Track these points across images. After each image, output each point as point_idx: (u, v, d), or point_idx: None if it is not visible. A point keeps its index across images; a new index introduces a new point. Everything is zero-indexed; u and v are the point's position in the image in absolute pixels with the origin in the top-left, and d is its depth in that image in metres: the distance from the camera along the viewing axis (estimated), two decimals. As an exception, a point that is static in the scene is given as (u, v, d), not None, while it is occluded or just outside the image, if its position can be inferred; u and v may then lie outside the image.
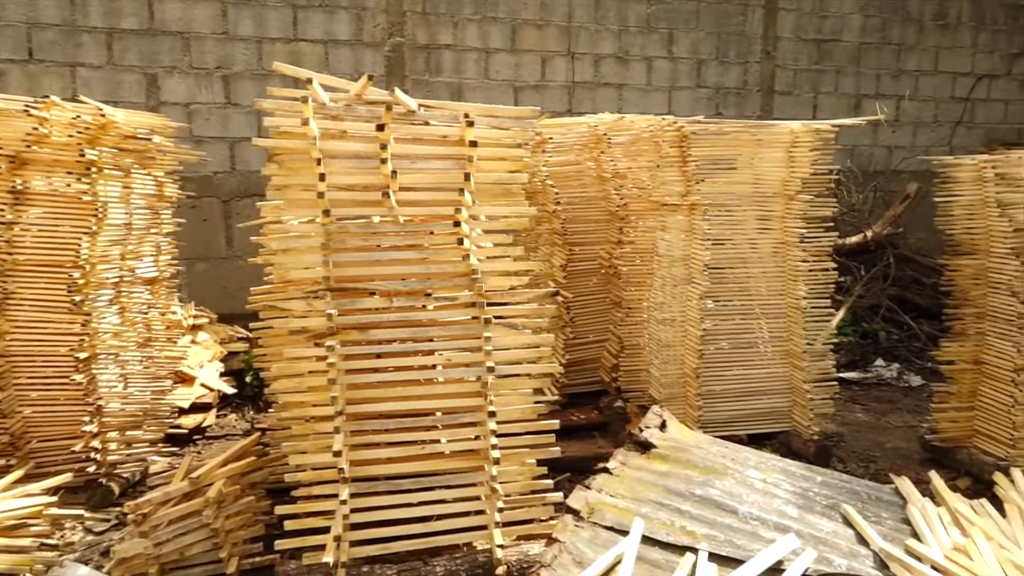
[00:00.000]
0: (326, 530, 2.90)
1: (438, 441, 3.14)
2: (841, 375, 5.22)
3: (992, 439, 4.11)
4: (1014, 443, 3.90)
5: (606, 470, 2.98)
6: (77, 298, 3.75)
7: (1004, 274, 4.04)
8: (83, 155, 3.71)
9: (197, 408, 4.92)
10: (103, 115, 3.78)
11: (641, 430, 3.26)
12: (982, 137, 8.77)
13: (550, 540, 2.61)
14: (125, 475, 3.99)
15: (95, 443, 3.84)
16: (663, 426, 3.34)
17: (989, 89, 8.87)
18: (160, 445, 4.34)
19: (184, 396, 4.87)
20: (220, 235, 6.49)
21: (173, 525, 3.00)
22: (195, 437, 4.80)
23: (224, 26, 6.30)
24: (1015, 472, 3.31)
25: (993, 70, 8.83)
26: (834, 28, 8.20)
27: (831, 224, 4.42)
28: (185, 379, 5.00)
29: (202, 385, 5.08)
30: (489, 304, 3.12)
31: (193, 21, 6.21)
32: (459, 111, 3.10)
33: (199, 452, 4.58)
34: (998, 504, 3.09)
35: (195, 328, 5.55)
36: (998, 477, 3.31)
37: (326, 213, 2.96)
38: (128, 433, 4.10)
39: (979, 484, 3.94)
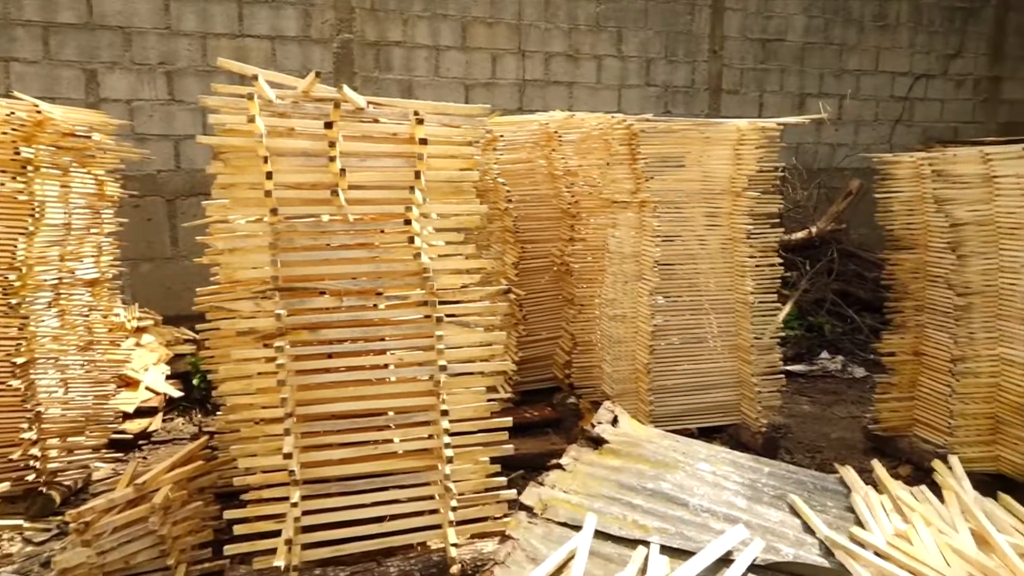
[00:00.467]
0: (277, 534, 2.86)
1: (391, 441, 3.12)
2: (788, 368, 5.33)
3: (931, 427, 4.24)
4: (952, 431, 4.03)
5: (559, 466, 3.00)
6: (13, 301, 3.63)
7: (941, 268, 4.17)
8: (18, 153, 3.59)
9: (142, 412, 4.80)
10: (39, 112, 3.66)
11: (593, 426, 3.29)
12: (920, 135, 9.05)
13: (504, 537, 2.61)
14: (67, 483, 3.87)
15: (34, 451, 3.72)
16: (615, 421, 3.37)
17: (926, 88, 9.15)
18: (103, 451, 4.22)
19: (128, 400, 4.74)
20: (165, 235, 6.35)
21: (118, 533, 2.92)
22: (140, 442, 4.68)
23: (167, 21, 6.16)
24: (953, 459, 3.42)
25: (930, 70, 9.12)
26: (779, 28, 8.37)
27: (777, 220, 4.51)
28: (129, 383, 4.87)
29: (147, 389, 4.96)
30: (441, 302, 3.11)
31: (134, 15, 6.06)
32: (409, 109, 3.08)
33: (145, 457, 4.47)
34: (937, 490, 3.18)
35: (139, 330, 5.41)
36: (937, 464, 3.41)
37: (274, 212, 2.91)
38: (69, 439, 3.98)
39: (919, 471, 4.06)
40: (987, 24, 9.27)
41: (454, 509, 3.05)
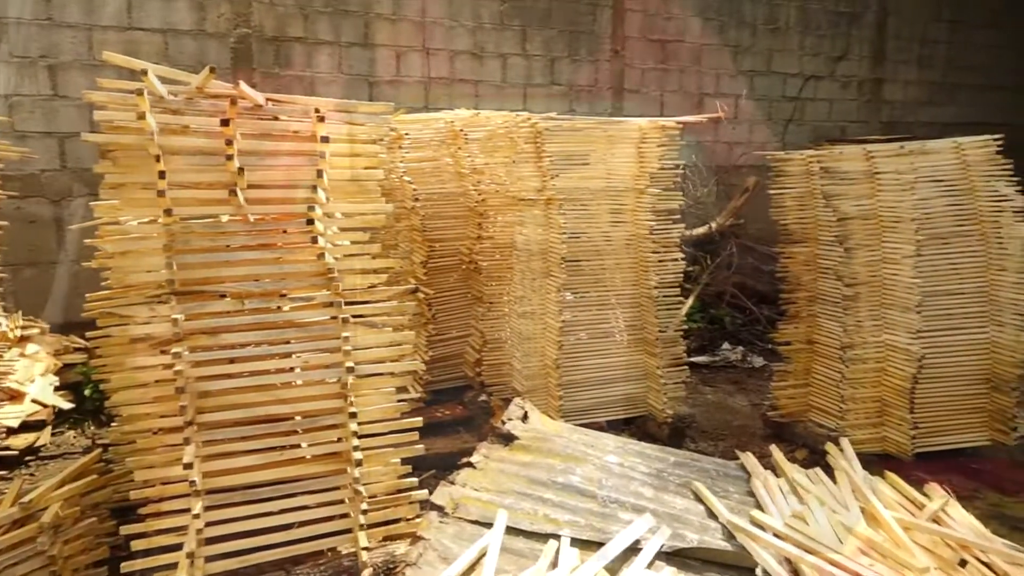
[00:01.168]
0: (178, 547, 2.75)
1: (298, 446, 3.04)
2: (691, 360, 5.50)
3: (824, 412, 4.45)
4: (843, 415, 4.25)
5: (470, 464, 2.99)
6: None
7: (830, 260, 4.38)
8: None
9: (29, 427, 4.52)
10: (-97, 107, 3.40)
11: (504, 423, 3.30)
12: (811, 133, 9.47)
13: (415, 538, 2.59)
14: (-56, 505, 3.61)
15: (-94, 472, 3.46)
16: (525, 418, 3.39)
17: (816, 89, 9.59)
18: (-15, 469, 3.97)
19: (13, 414, 4.46)
20: (50, 238, 5.99)
21: (2, 556, 2.74)
22: (27, 458, 4.41)
23: (48, 11, 5.81)
24: (844, 441, 3.61)
25: (818, 72, 9.56)
26: (677, 29, 8.60)
27: (678, 216, 4.64)
28: (14, 395, 4.58)
29: (34, 401, 4.67)
30: (347, 303, 3.06)
31: (10, 5, 5.68)
32: (310, 106, 3.02)
33: (32, 474, 4.22)
34: (831, 472, 3.35)
35: (24, 340, 5.09)
36: (830, 447, 3.59)
37: (168, 212, 2.80)
38: (-54, 458, 3.72)
39: (815, 454, 4.25)
40: (869, 29, 9.79)
41: (365, 512, 3.01)
